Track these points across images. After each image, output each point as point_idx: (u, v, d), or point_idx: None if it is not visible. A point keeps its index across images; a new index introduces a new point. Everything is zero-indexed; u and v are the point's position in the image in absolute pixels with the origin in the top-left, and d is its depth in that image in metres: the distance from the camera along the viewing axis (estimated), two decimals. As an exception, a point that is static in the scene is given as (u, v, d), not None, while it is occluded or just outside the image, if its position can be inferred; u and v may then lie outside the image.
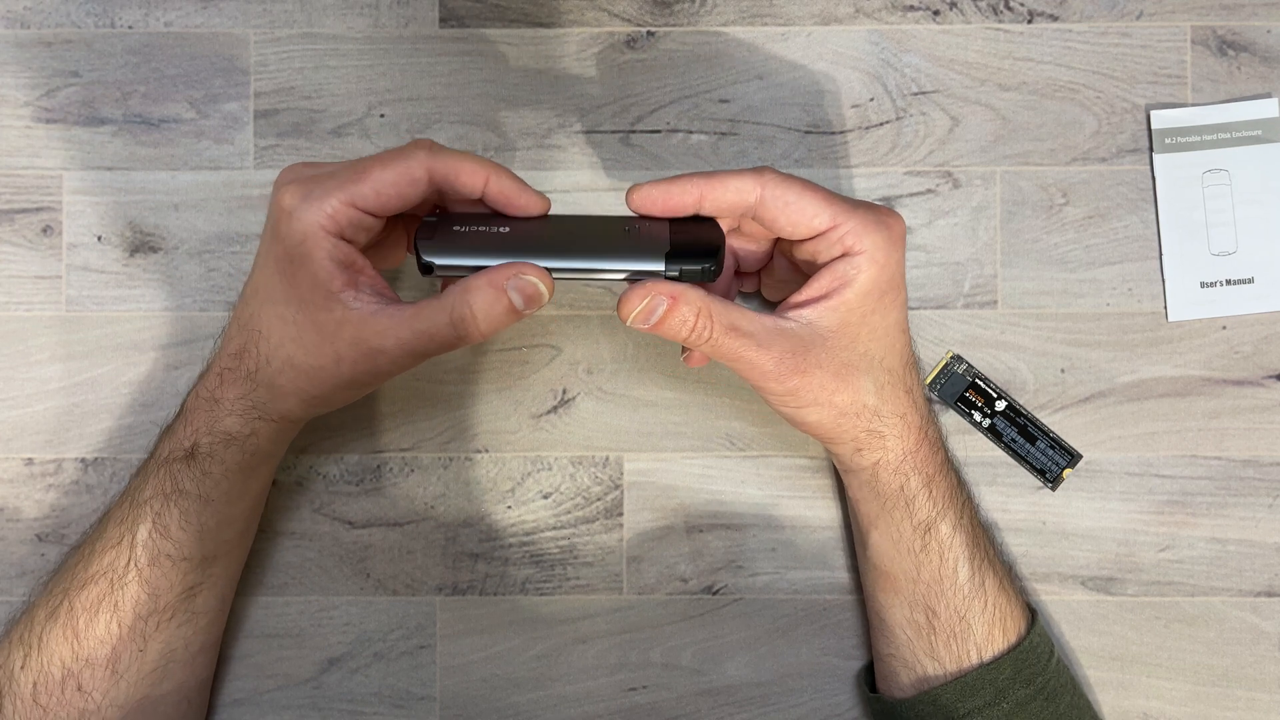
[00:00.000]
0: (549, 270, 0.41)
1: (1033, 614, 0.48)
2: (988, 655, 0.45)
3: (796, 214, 0.41)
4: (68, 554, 0.47)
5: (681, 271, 0.41)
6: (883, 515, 0.46)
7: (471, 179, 0.41)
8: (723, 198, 0.42)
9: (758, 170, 0.42)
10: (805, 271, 0.44)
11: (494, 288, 0.40)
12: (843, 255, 0.42)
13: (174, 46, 0.52)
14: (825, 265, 0.42)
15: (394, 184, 0.40)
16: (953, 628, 0.45)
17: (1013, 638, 0.46)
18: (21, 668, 0.44)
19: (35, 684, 0.44)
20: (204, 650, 0.48)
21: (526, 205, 0.42)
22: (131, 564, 0.44)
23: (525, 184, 0.42)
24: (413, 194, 0.41)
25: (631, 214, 0.43)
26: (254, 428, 0.44)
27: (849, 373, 0.43)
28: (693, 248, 0.41)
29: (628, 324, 0.41)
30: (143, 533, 0.44)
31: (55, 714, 0.44)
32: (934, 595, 0.46)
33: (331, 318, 0.41)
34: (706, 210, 0.42)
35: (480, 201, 0.43)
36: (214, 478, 0.44)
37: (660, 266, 0.41)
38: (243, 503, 0.46)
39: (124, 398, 0.51)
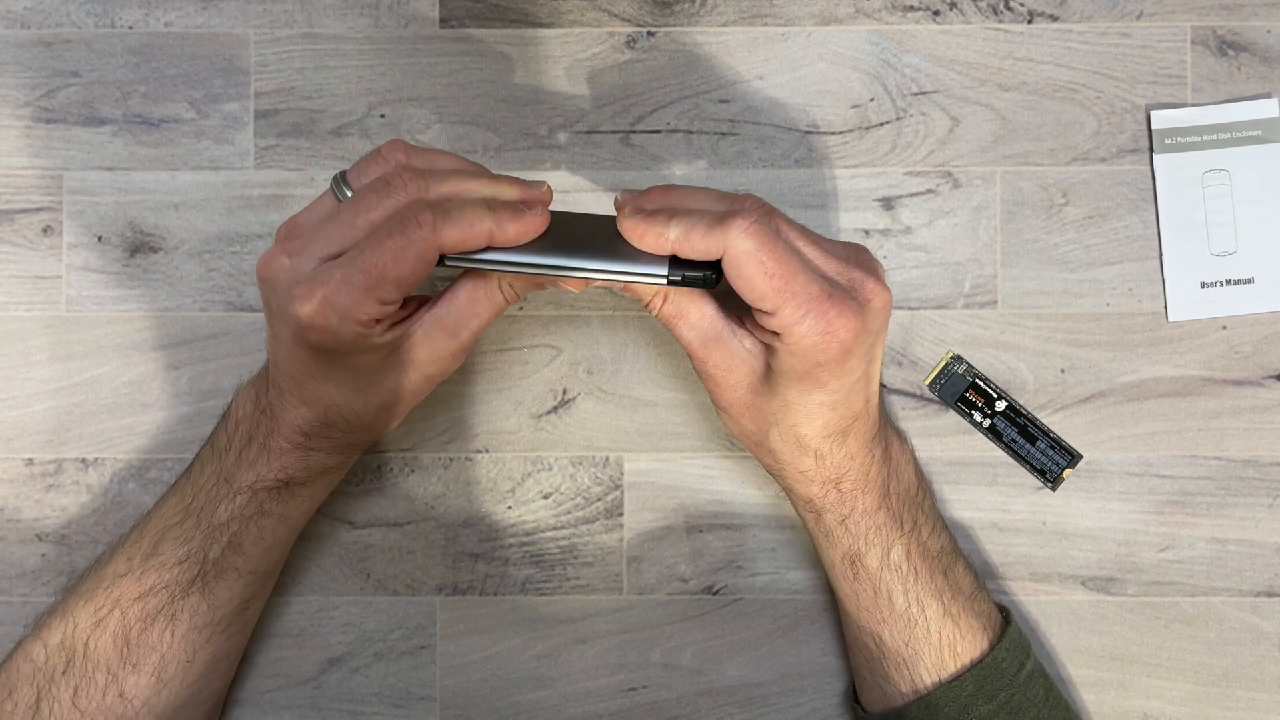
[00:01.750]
0: (555, 269, 0.41)
1: (1005, 624, 0.47)
2: (944, 676, 0.45)
3: (745, 289, 0.40)
4: (104, 560, 0.46)
5: (684, 278, 0.41)
6: (813, 538, 0.47)
7: (476, 240, 0.40)
8: (691, 253, 0.40)
9: (726, 228, 0.39)
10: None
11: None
12: (775, 334, 0.41)
13: (174, 46, 0.52)
14: (762, 331, 0.42)
15: (412, 275, 0.39)
16: (900, 654, 0.46)
17: (967, 660, 0.45)
18: (63, 673, 0.44)
19: (77, 689, 0.44)
20: (232, 656, 0.48)
21: (533, 232, 0.41)
22: (198, 579, 0.44)
23: (523, 213, 0.41)
24: (427, 271, 0.40)
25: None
26: (350, 456, 0.47)
27: (757, 413, 0.44)
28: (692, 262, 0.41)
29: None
30: (215, 552, 0.45)
31: (93, 718, 0.44)
32: (876, 622, 0.46)
33: (377, 356, 0.42)
34: (679, 255, 0.41)
35: None
36: (303, 502, 0.46)
37: (663, 271, 0.41)
38: (310, 516, 0.48)
39: (124, 398, 0.51)
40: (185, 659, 0.45)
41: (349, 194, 0.41)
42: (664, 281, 0.41)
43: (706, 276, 0.41)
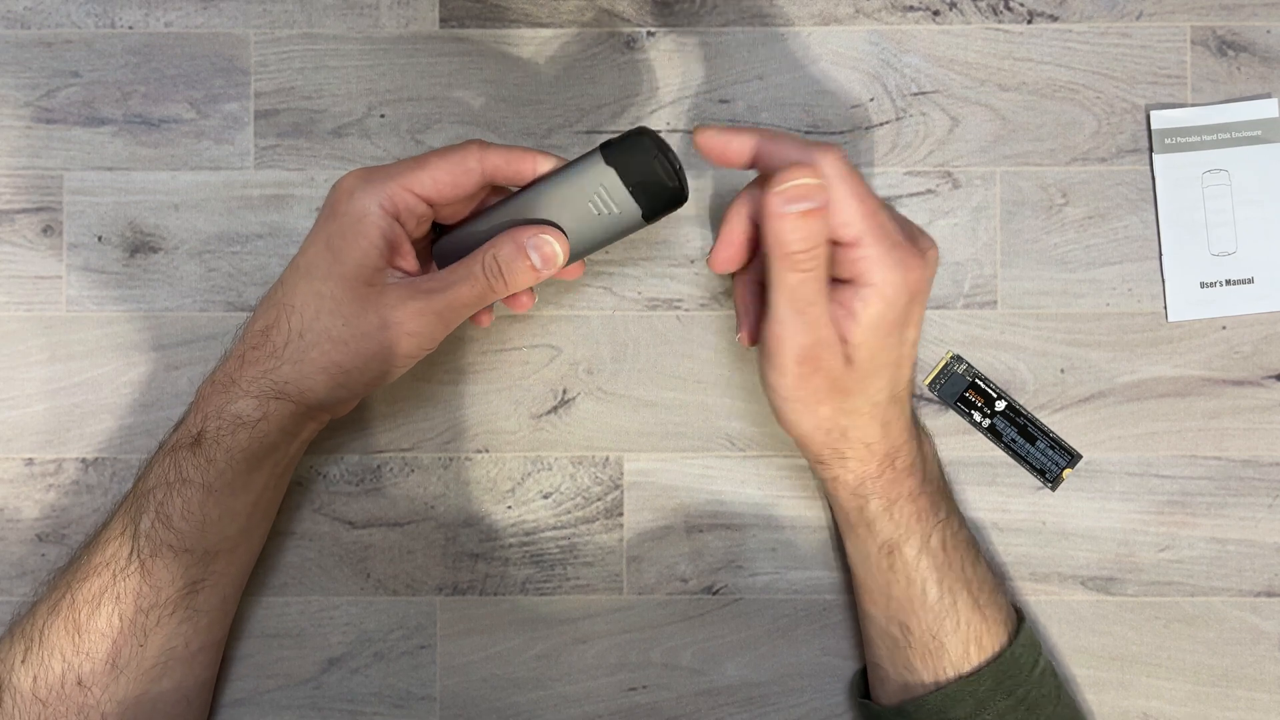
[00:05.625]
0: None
1: (1020, 621, 0.48)
2: (965, 669, 0.45)
3: (832, 212, 0.41)
4: (75, 551, 0.47)
5: (660, 206, 0.43)
6: (849, 531, 0.47)
7: (521, 165, 0.44)
8: (772, 165, 0.42)
9: (825, 150, 0.41)
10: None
11: (516, 244, 0.43)
12: (852, 281, 0.42)
13: (174, 47, 0.52)
14: (838, 285, 0.42)
15: (449, 172, 0.43)
16: (926, 645, 0.46)
17: (990, 652, 0.46)
18: (22, 662, 0.44)
19: (35, 678, 0.44)
20: (205, 650, 0.47)
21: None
22: (134, 554, 0.44)
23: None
24: (467, 183, 0.44)
25: (592, 153, 0.43)
26: (267, 410, 0.44)
27: (836, 390, 0.43)
28: (651, 185, 0.43)
29: (779, 203, 0.40)
30: (145, 523, 0.44)
31: (54, 709, 0.43)
32: (906, 612, 0.46)
33: (373, 290, 0.43)
34: (759, 169, 0.43)
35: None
36: (218, 466, 0.44)
37: (638, 214, 0.43)
38: (246, 496, 0.46)
39: (124, 398, 0.51)
40: (137, 644, 0.44)
41: None
42: (640, 215, 0.43)
43: (669, 179, 0.42)
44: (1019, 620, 0.48)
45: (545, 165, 0.44)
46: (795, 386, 0.43)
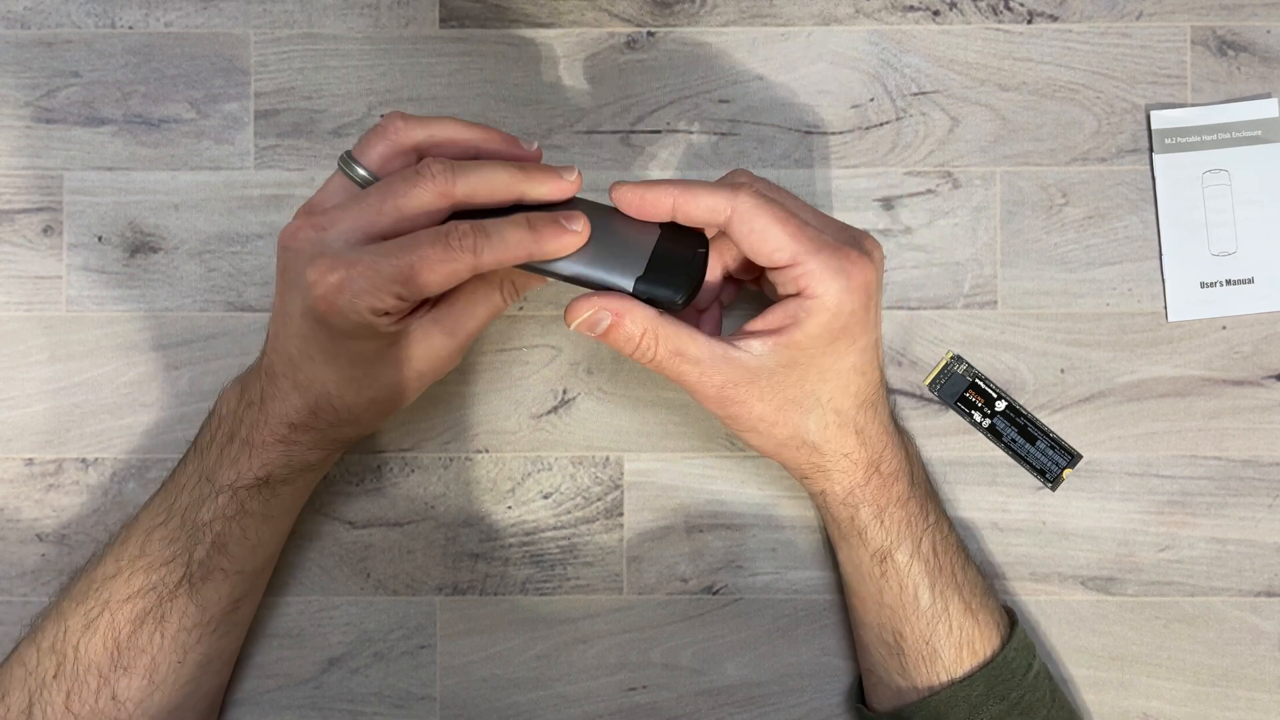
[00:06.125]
0: (535, 270, 0.42)
1: (1012, 625, 0.47)
2: (958, 674, 0.45)
3: (759, 242, 0.41)
4: (95, 562, 0.46)
5: (651, 299, 0.41)
6: (841, 540, 0.47)
7: (515, 260, 0.41)
8: (693, 212, 0.42)
9: (734, 189, 0.41)
10: (769, 296, 0.44)
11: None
12: (797, 294, 0.41)
13: (174, 46, 0.52)
14: (780, 300, 0.42)
15: (440, 286, 0.40)
16: (919, 651, 0.46)
17: (983, 656, 0.46)
18: (54, 676, 0.44)
19: (69, 693, 0.44)
20: (226, 656, 0.48)
21: (571, 248, 0.42)
22: (185, 580, 0.44)
23: (563, 231, 0.41)
24: (453, 285, 0.41)
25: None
26: (332, 454, 0.46)
27: (791, 409, 0.43)
28: (668, 273, 0.41)
29: (570, 329, 0.41)
30: (200, 552, 0.44)
31: None
32: (898, 619, 0.46)
33: (399, 353, 0.42)
34: (679, 220, 0.42)
35: None
36: (284, 500, 0.46)
37: (629, 289, 0.41)
38: (293, 516, 0.48)
39: (124, 398, 0.51)
40: (176, 660, 0.45)
41: (361, 172, 0.42)
42: (629, 289, 0.41)
43: (673, 301, 0.41)
44: (1011, 623, 0.48)
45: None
46: (737, 420, 0.43)
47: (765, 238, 0.41)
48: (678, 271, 0.41)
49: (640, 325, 0.41)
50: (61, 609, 0.45)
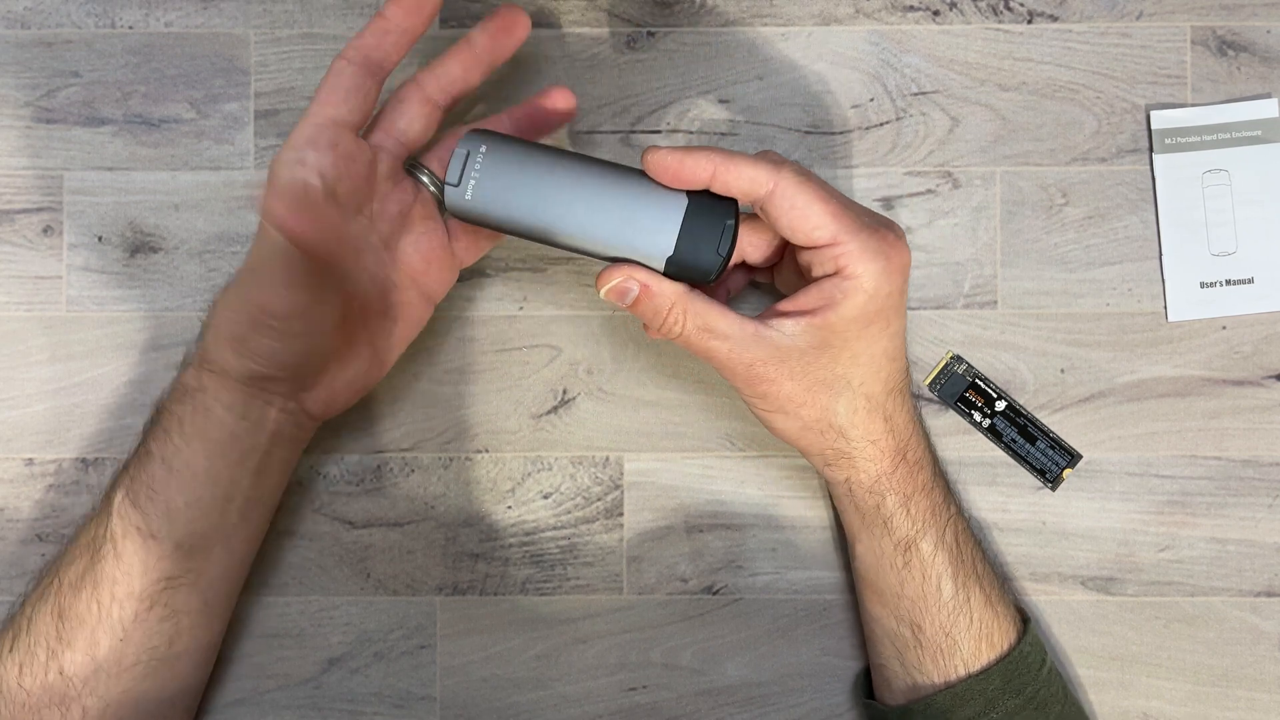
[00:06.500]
0: (543, 235, 0.42)
1: (1025, 621, 0.48)
2: (976, 668, 0.45)
3: (800, 220, 0.41)
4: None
5: (680, 274, 0.41)
6: (863, 530, 0.46)
7: (376, 29, 0.43)
8: (734, 183, 0.41)
9: (777, 164, 0.41)
10: (803, 278, 0.44)
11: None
12: (835, 274, 0.41)
13: (174, 46, 0.52)
14: (817, 280, 0.42)
15: (351, 98, 0.44)
16: (939, 644, 0.45)
17: (1000, 649, 0.46)
18: (9, 650, 0.44)
19: (21, 666, 0.44)
20: (189, 654, 0.46)
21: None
22: (108, 535, 0.44)
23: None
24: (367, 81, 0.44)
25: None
26: (202, 381, 0.44)
27: (821, 391, 0.43)
28: (699, 246, 0.41)
29: (600, 294, 0.42)
30: (118, 498, 0.44)
31: (37, 697, 0.43)
32: (918, 611, 0.46)
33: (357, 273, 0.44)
34: (715, 188, 0.41)
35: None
36: (173, 441, 0.44)
37: (659, 267, 0.41)
38: (213, 489, 0.44)
39: (124, 398, 0.51)
40: (116, 638, 0.44)
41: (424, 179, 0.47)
42: (660, 267, 0.41)
43: (706, 275, 0.41)
44: (1024, 619, 0.48)
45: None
46: (765, 399, 0.43)
47: (807, 215, 0.40)
48: (708, 244, 0.41)
49: (669, 299, 0.41)
50: (29, 588, 0.46)
